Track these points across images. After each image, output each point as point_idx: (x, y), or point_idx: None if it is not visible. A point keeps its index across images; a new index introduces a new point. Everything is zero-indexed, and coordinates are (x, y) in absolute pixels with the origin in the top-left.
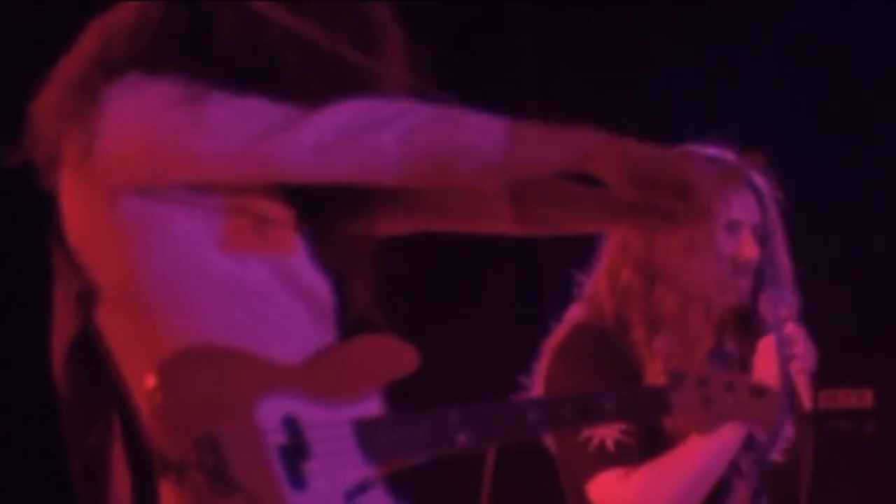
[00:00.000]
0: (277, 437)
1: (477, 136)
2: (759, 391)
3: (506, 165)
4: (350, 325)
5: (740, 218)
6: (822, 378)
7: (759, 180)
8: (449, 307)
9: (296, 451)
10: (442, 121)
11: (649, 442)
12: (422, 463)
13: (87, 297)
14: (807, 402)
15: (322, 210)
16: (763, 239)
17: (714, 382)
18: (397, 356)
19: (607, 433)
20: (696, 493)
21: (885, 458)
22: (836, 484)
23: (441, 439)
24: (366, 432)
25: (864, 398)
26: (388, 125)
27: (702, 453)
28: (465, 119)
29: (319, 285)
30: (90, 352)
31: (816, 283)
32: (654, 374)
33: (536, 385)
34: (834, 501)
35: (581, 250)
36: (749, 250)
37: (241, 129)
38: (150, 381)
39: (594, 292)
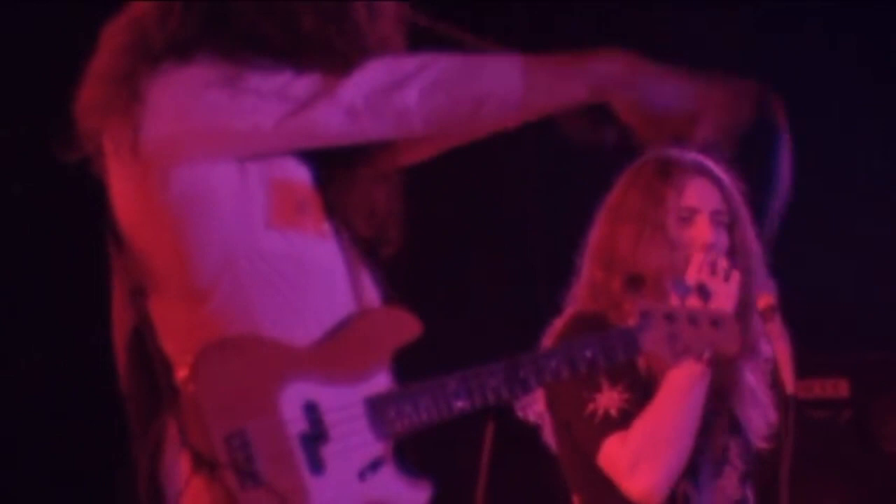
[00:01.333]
0: (299, 426)
1: (496, 81)
2: (718, 320)
3: (526, 105)
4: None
5: (695, 205)
6: (800, 369)
7: (720, 168)
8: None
9: (315, 437)
10: (460, 70)
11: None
12: (425, 429)
13: (140, 292)
14: (789, 386)
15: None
16: (729, 225)
17: (679, 317)
18: (401, 325)
19: (610, 403)
20: (685, 428)
21: (860, 446)
22: (813, 470)
23: (443, 406)
24: (376, 409)
25: (839, 388)
26: (409, 84)
27: (676, 392)
28: (481, 65)
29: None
30: (145, 346)
31: (793, 277)
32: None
33: None
34: (811, 487)
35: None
36: (707, 236)
37: (276, 105)
38: (182, 373)
39: (574, 292)
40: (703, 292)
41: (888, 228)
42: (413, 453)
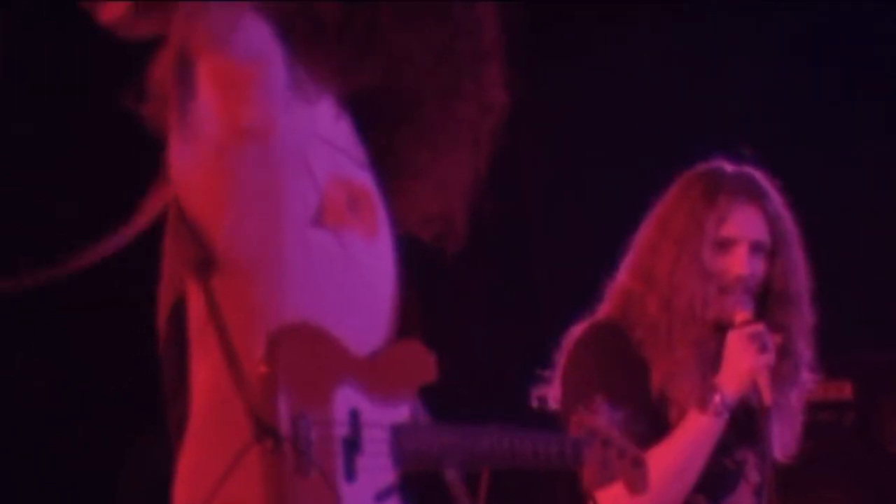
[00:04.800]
0: (343, 430)
1: None
2: (639, 462)
3: None
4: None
5: (735, 236)
6: None
7: (772, 195)
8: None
9: (353, 445)
10: None
11: (654, 431)
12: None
13: (205, 265)
14: (766, 396)
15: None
16: (771, 252)
17: (612, 446)
18: (426, 366)
19: (614, 426)
20: (691, 470)
21: (864, 448)
22: (817, 472)
23: (440, 455)
24: (399, 437)
25: (843, 390)
26: None
27: (686, 442)
28: None
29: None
30: (184, 321)
31: None
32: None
33: (556, 377)
34: (815, 489)
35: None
36: (741, 268)
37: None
38: (259, 351)
39: (609, 292)
40: None
41: (892, 227)
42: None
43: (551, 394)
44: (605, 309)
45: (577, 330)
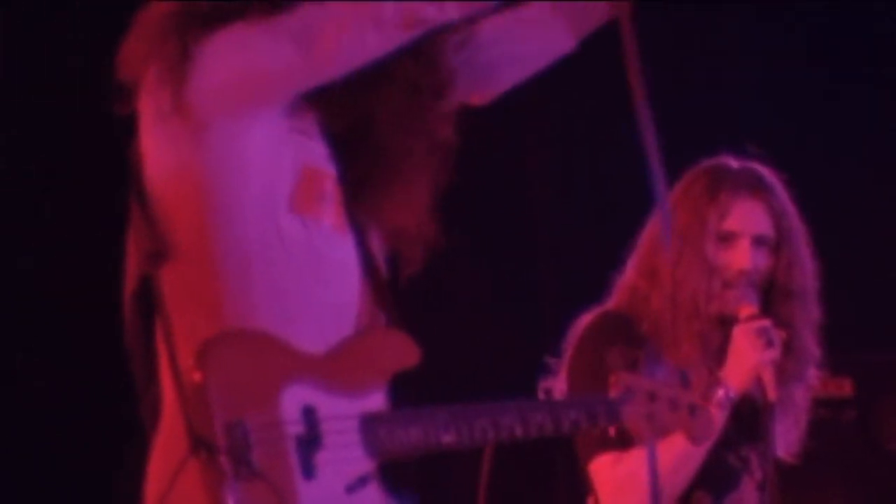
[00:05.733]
0: (296, 428)
1: None
2: (695, 408)
3: None
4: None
5: (737, 229)
6: None
7: (778, 190)
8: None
9: (310, 442)
10: None
11: None
12: (412, 459)
13: (156, 255)
14: (771, 392)
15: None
16: (775, 246)
17: (661, 398)
18: (402, 351)
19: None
20: (677, 481)
21: (864, 446)
22: (817, 470)
23: (431, 438)
24: (369, 427)
25: (843, 387)
26: None
27: (682, 445)
28: None
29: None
30: (150, 308)
31: None
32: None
33: (562, 365)
34: (814, 487)
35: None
36: (743, 262)
37: (308, 34)
38: (189, 360)
39: (616, 288)
40: None
41: (892, 225)
42: (403, 472)
43: (557, 385)
44: (611, 304)
45: (585, 318)
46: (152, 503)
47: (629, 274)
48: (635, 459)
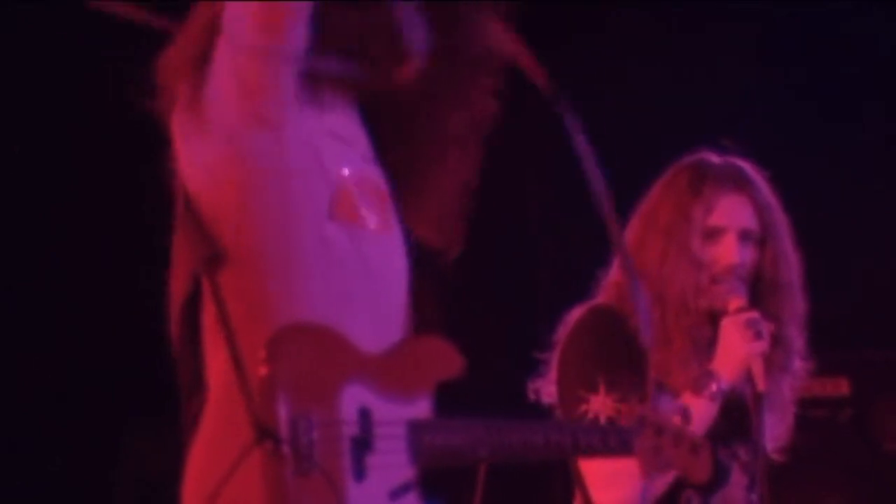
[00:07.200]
0: (352, 429)
1: None
2: (697, 447)
3: None
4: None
5: (723, 224)
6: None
7: (759, 178)
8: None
9: (363, 444)
10: None
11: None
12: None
13: (213, 261)
14: (760, 383)
15: None
16: (760, 241)
17: (666, 433)
18: (448, 360)
19: (602, 408)
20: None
21: (861, 445)
22: (814, 469)
23: (468, 451)
24: (416, 434)
25: (840, 387)
26: None
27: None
28: None
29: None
30: (197, 318)
31: None
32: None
33: (553, 359)
34: (811, 486)
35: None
36: (731, 257)
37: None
38: (260, 353)
39: (603, 286)
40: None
41: (889, 226)
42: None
43: (546, 385)
44: (600, 300)
45: (575, 312)
46: (199, 497)
47: (615, 271)
48: None
